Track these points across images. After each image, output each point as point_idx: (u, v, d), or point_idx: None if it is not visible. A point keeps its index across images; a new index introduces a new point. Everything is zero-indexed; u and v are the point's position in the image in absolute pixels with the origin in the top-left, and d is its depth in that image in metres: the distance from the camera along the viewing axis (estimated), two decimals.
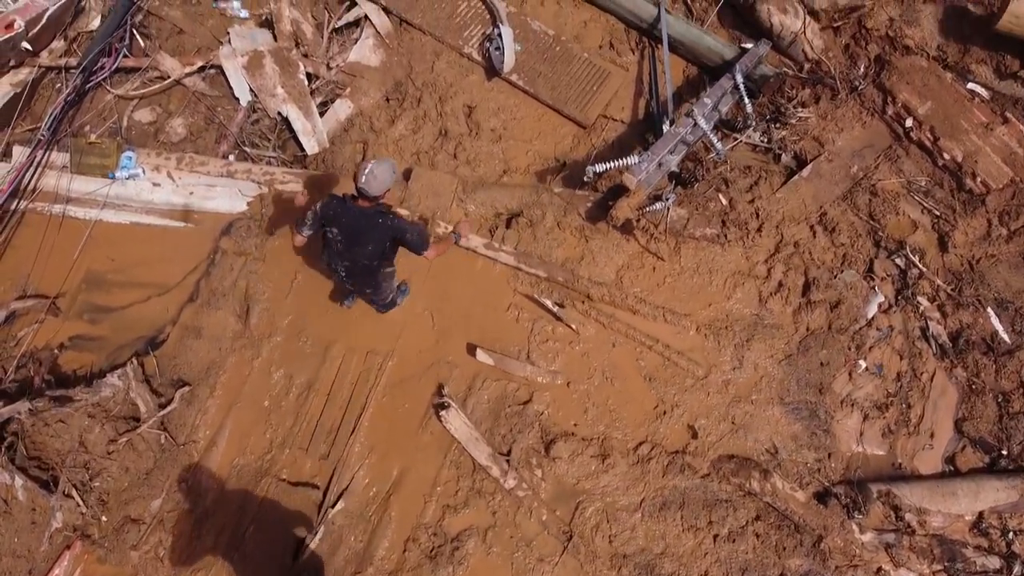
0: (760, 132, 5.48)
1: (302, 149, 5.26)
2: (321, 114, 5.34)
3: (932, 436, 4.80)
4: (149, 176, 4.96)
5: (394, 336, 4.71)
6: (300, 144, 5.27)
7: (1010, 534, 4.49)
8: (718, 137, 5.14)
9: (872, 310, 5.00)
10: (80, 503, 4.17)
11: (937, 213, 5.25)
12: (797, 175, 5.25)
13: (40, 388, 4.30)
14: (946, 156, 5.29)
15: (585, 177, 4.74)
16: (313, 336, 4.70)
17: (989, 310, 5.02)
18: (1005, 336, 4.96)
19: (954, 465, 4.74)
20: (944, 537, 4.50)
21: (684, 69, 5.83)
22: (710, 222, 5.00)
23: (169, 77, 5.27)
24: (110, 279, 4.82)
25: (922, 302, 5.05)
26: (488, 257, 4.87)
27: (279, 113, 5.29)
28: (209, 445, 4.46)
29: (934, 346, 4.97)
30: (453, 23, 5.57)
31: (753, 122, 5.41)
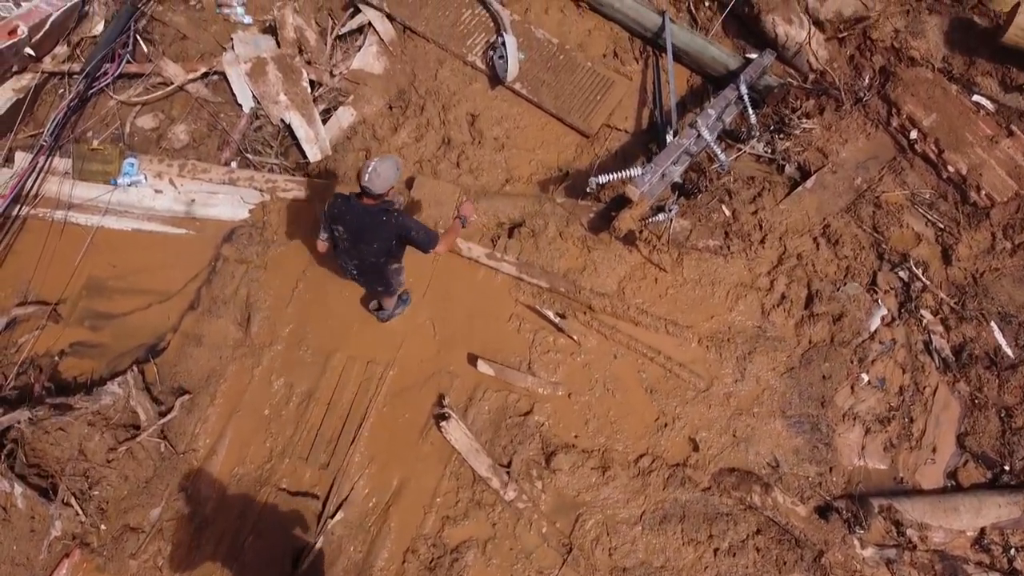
0: (764, 143, 5.46)
1: (305, 156, 5.25)
2: (324, 121, 5.32)
3: (934, 451, 4.78)
4: (151, 183, 4.95)
5: (395, 346, 4.70)
6: (303, 151, 5.25)
7: (1012, 551, 4.46)
8: (721, 148, 5.13)
9: (875, 323, 4.98)
10: (79, 511, 4.17)
11: (941, 226, 5.23)
12: (801, 186, 5.23)
13: (40, 396, 4.29)
14: (950, 169, 5.27)
15: (588, 188, 4.73)
16: (314, 345, 4.69)
17: (992, 324, 5.00)
18: (1008, 350, 4.94)
19: (956, 480, 4.72)
20: (945, 553, 4.48)
21: (688, 78, 5.81)
22: (713, 233, 4.99)
23: (172, 83, 5.26)
24: (111, 286, 4.81)
25: (925, 315, 5.03)
26: (490, 267, 4.86)
27: (282, 120, 5.28)
28: (209, 454, 4.45)
29: (937, 360, 4.95)
30: (457, 31, 5.55)
31: (757, 133, 5.40)
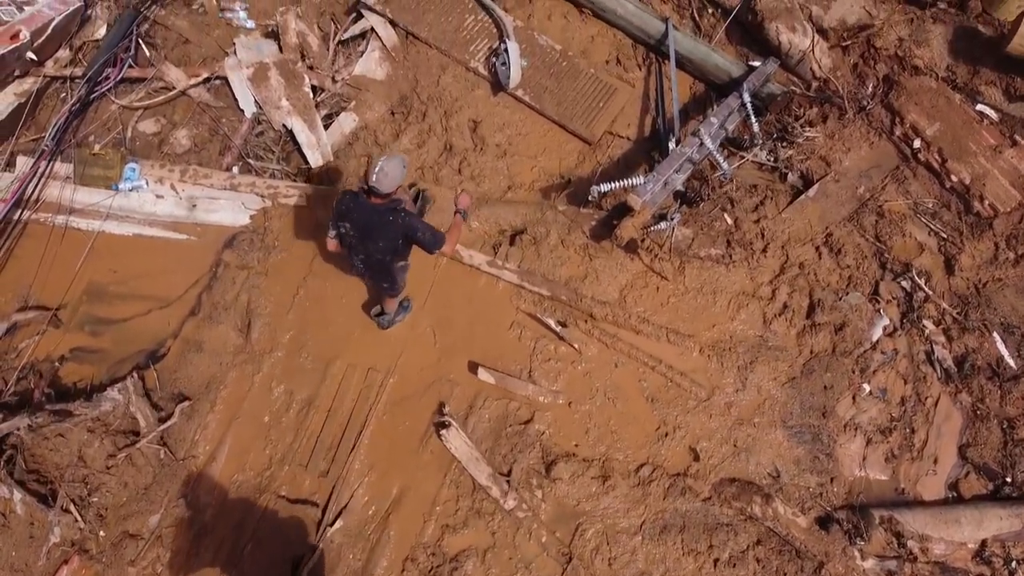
0: (767, 151, 5.44)
1: (306, 162, 5.24)
2: (326, 127, 5.31)
3: (935, 462, 4.77)
4: (152, 188, 4.94)
5: (395, 353, 4.69)
6: (304, 157, 5.24)
7: (1013, 563, 4.45)
8: (724, 156, 5.11)
9: (877, 333, 4.97)
10: (78, 518, 4.16)
11: (944, 235, 5.22)
12: (803, 195, 5.22)
13: (40, 402, 4.28)
14: (954, 178, 5.25)
15: (590, 197, 4.72)
16: (314, 352, 4.68)
17: (995, 335, 4.98)
18: (1011, 361, 4.93)
19: (957, 492, 4.71)
20: (946, 565, 4.47)
21: (691, 86, 5.79)
22: (715, 242, 4.98)
23: (174, 88, 5.25)
24: (112, 291, 4.80)
25: (927, 326, 5.02)
26: (491, 274, 4.85)
27: (284, 125, 5.27)
28: (208, 460, 4.44)
29: (939, 370, 4.93)
30: (460, 37, 5.54)
31: (760, 140, 5.38)
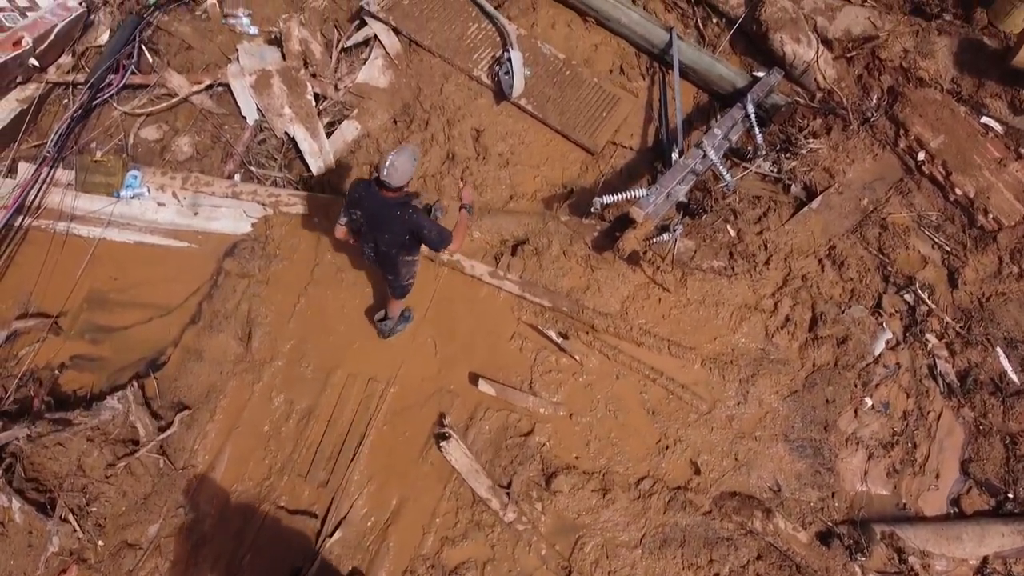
0: (770, 162, 5.43)
1: (308, 170, 5.23)
2: (328, 135, 5.31)
3: (937, 477, 4.74)
4: (154, 195, 4.94)
5: (396, 363, 4.68)
6: (306, 164, 5.23)
7: None
8: (727, 167, 5.09)
9: (879, 347, 4.94)
10: (77, 527, 4.15)
11: (947, 249, 5.19)
12: (807, 207, 5.20)
13: (39, 411, 4.28)
14: (958, 191, 5.23)
15: (592, 209, 4.70)
16: (315, 362, 4.67)
17: (998, 349, 4.96)
18: (1014, 376, 4.90)
19: (959, 507, 4.68)
20: None
21: (695, 95, 5.78)
22: (717, 254, 4.96)
23: (177, 95, 5.24)
24: (112, 299, 4.80)
25: (930, 339, 4.99)
26: (492, 285, 4.83)
27: (286, 133, 5.26)
28: (208, 470, 4.43)
29: (942, 385, 4.91)
30: (463, 45, 5.53)
31: (763, 151, 5.36)
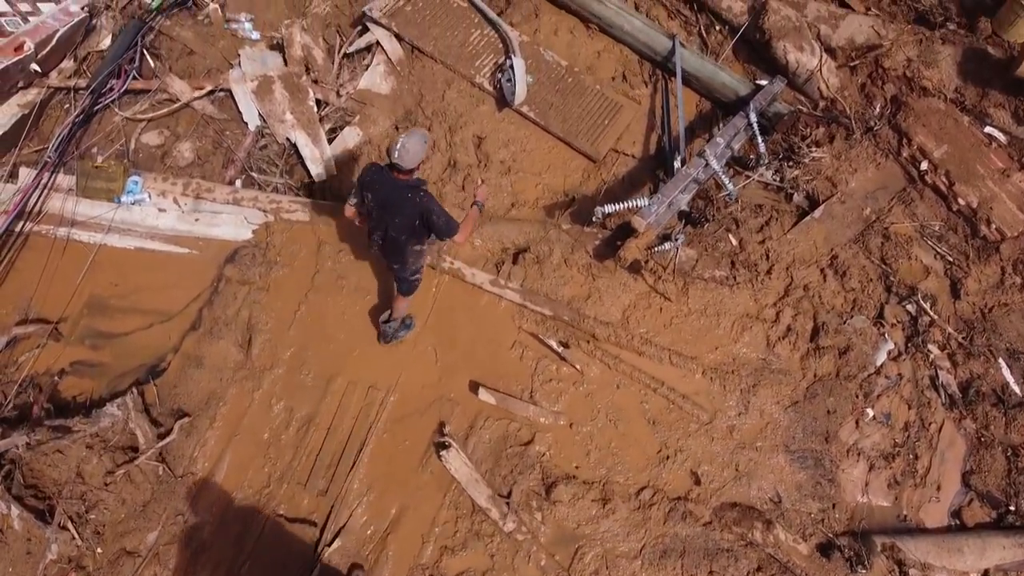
0: (773, 170, 5.41)
1: (310, 176, 5.22)
2: (329, 141, 5.30)
3: (939, 488, 4.73)
4: (155, 201, 4.93)
5: (397, 371, 4.67)
6: (308, 171, 5.22)
7: None
8: (729, 177, 5.08)
9: (881, 357, 4.93)
10: (75, 535, 4.13)
11: (950, 259, 5.18)
12: (809, 216, 5.19)
13: (39, 418, 4.26)
14: (961, 201, 5.22)
15: (594, 218, 4.69)
16: (315, 369, 4.66)
17: (1000, 361, 4.95)
18: (1016, 388, 4.89)
19: (960, 519, 4.67)
20: None
21: (697, 103, 5.77)
22: (719, 263, 4.95)
23: (178, 100, 5.23)
24: (113, 305, 4.78)
25: (932, 350, 4.98)
26: (493, 293, 4.82)
27: (287, 139, 5.25)
28: (207, 478, 4.42)
29: (943, 396, 4.90)
30: (465, 52, 5.52)
31: (766, 160, 5.35)
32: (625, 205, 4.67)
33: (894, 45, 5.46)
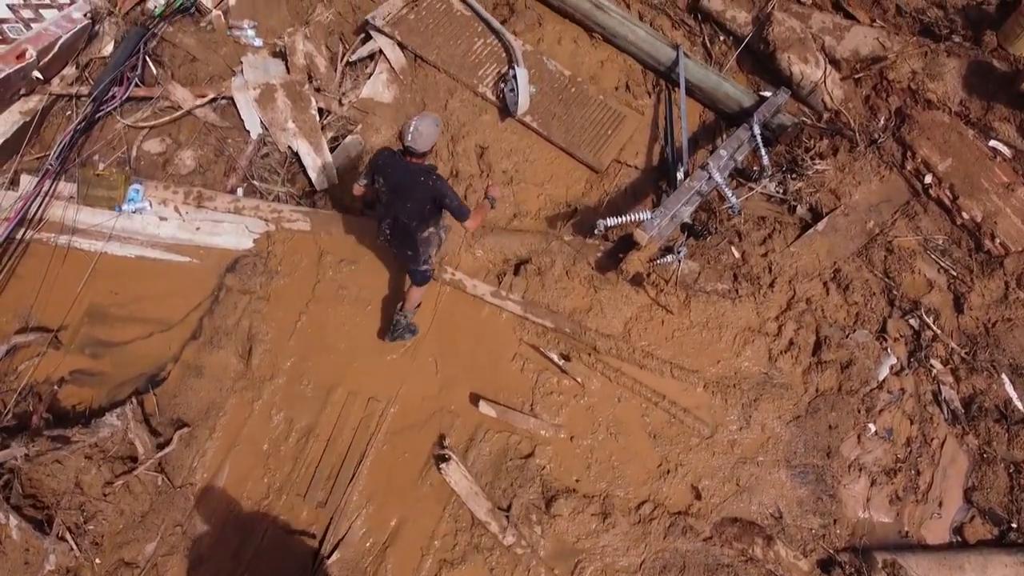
0: (776, 182, 5.39)
1: (311, 184, 5.21)
2: (332, 150, 5.28)
3: (940, 505, 4.71)
4: (156, 210, 4.92)
5: (397, 383, 4.65)
6: (310, 179, 5.21)
7: None
8: (733, 189, 5.06)
9: (884, 372, 4.91)
10: (74, 546, 4.12)
11: (954, 273, 5.16)
12: (812, 228, 5.17)
13: (38, 427, 4.25)
14: (965, 215, 5.20)
15: (596, 231, 4.67)
16: (315, 380, 4.64)
17: (1004, 376, 4.93)
18: (1019, 404, 4.87)
19: (962, 536, 4.64)
20: None
21: (701, 114, 5.75)
22: (721, 276, 4.93)
23: (180, 107, 5.22)
24: (113, 313, 4.77)
25: (935, 365, 4.96)
26: (495, 305, 4.81)
27: (289, 147, 5.24)
28: (206, 488, 4.40)
29: (946, 411, 4.87)
30: (468, 61, 5.50)
31: (769, 172, 5.33)
32: (627, 219, 4.64)
33: (899, 57, 5.44)
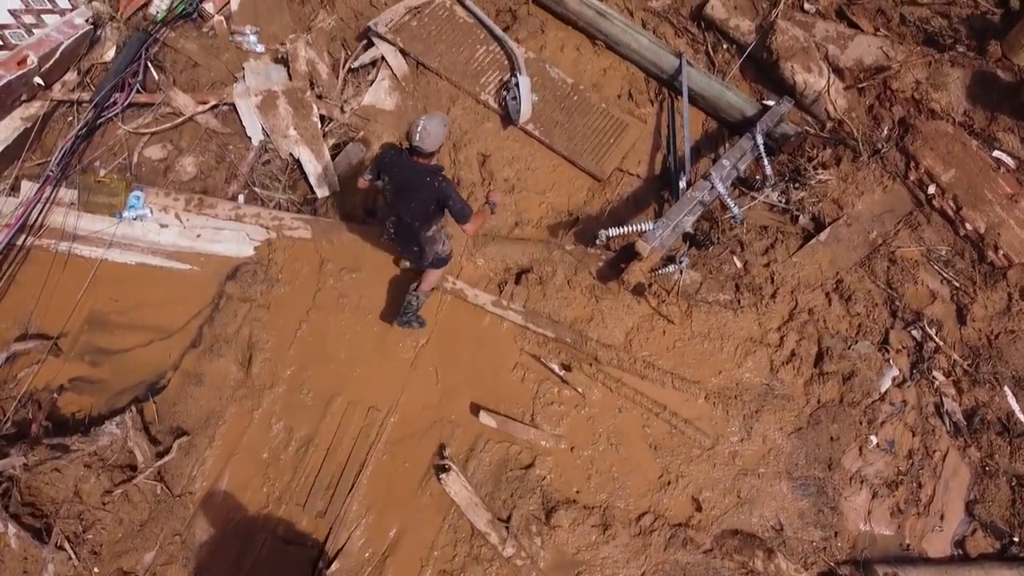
0: (778, 192, 5.38)
1: (313, 192, 5.19)
2: (333, 157, 5.26)
3: (942, 518, 4.69)
4: (157, 217, 4.90)
5: (397, 392, 4.64)
6: (311, 186, 5.19)
7: None
8: (735, 198, 5.04)
9: (886, 383, 4.89)
10: (72, 555, 4.11)
11: (956, 284, 5.14)
12: (815, 238, 5.15)
13: (37, 436, 4.24)
14: (968, 226, 5.18)
15: (597, 241, 4.64)
16: (315, 388, 4.63)
17: (1006, 389, 4.91)
18: (1021, 416, 4.85)
19: (963, 549, 4.63)
20: None
21: (704, 123, 5.73)
22: (723, 287, 4.91)
23: (182, 114, 5.20)
24: (113, 320, 4.76)
25: (937, 377, 4.94)
26: (496, 314, 4.79)
27: (291, 154, 5.22)
28: (206, 497, 4.39)
29: (948, 424, 4.86)
30: (470, 68, 5.49)
31: (772, 181, 5.31)
32: (629, 229, 4.63)
33: (903, 67, 5.42)
